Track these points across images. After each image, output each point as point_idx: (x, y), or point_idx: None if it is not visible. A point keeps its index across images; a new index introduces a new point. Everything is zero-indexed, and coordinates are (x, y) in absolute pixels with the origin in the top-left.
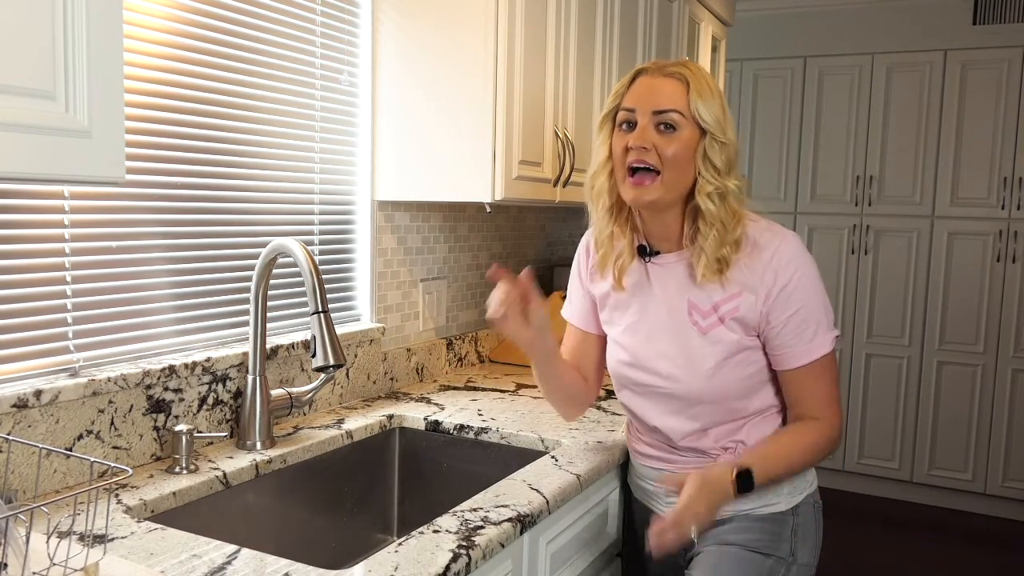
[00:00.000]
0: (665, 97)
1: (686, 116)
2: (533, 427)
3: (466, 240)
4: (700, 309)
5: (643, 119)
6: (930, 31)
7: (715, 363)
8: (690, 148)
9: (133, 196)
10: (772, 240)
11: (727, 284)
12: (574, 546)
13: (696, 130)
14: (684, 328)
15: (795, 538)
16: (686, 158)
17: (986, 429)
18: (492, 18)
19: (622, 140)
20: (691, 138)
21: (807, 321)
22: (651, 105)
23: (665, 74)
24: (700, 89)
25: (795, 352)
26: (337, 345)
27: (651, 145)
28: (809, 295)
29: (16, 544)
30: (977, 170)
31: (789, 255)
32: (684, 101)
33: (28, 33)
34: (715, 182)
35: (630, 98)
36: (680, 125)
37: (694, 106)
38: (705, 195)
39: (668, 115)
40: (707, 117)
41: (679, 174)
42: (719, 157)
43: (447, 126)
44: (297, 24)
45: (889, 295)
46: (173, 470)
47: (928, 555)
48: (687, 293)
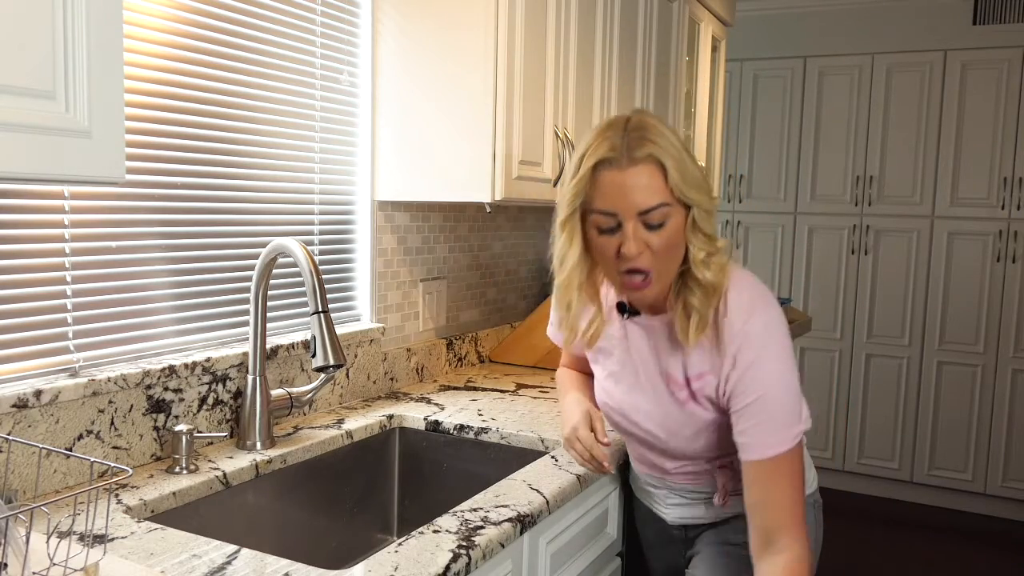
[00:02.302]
0: (647, 193)
1: (671, 203)
2: (533, 427)
3: (466, 240)
4: (675, 380)
5: (629, 223)
6: (930, 31)
7: (694, 432)
8: (680, 232)
9: (133, 196)
10: (737, 321)
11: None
12: (574, 546)
13: (682, 210)
14: (662, 395)
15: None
16: (679, 242)
17: (986, 429)
18: (492, 18)
19: (608, 243)
20: (679, 222)
21: (765, 411)
22: (634, 207)
23: (635, 161)
24: (675, 163)
25: (751, 445)
26: (337, 345)
27: (644, 247)
28: (771, 386)
29: (16, 544)
30: (977, 170)
31: (751, 344)
32: (666, 189)
33: (28, 33)
34: (706, 248)
35: (604, 200)
36: (668, 217)
37: (678, 190)
38: (699, 264)
39: (655, 213)
40: (691, 192)
41: (674, 261)
42: (707, 224)
43: (447, 126)
44: (297, 24)
45: (889, 295)
46: (173, 470)
47: (928, 555)
48: (663, 362)
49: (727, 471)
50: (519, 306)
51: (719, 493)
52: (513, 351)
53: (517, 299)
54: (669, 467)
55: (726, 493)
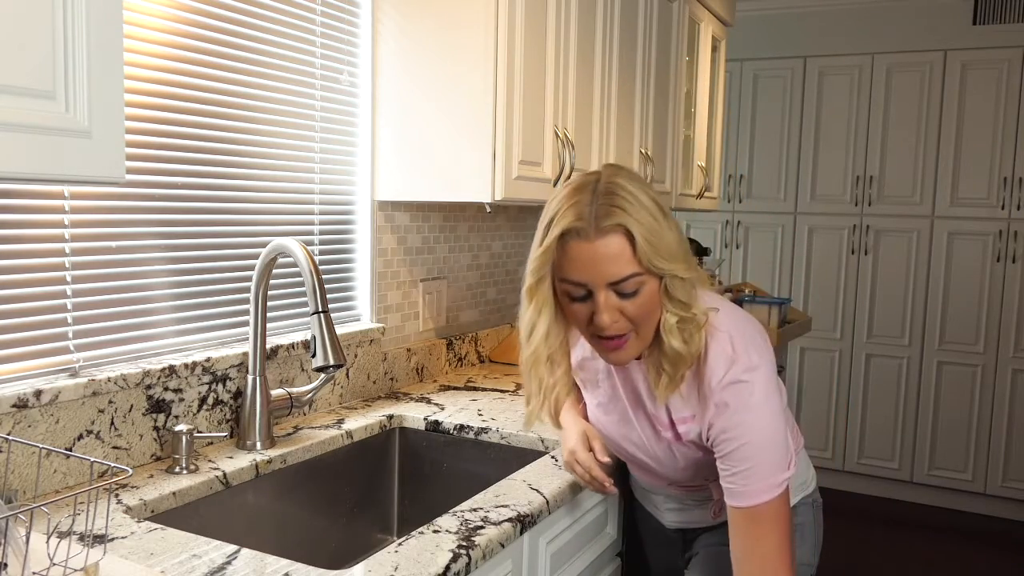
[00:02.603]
0: (615, 265)
1: (643, 272)
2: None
3: (466, 240)
4: (660, 420)
5: (600, 293)
6: (930, 31)
7: (684, 465)
8: (654, 298)
9: (133, 196)
10: (721, 367)
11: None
12: (574, 546)
13: (654, 278)
14: (648, 434)
15: (794, 538)
16: (654, 307)
17: (986, 429)
18: (492, 18)
19: (580, 310)
20: (652, 289)
21: (749, 459)
22: (603, 279)
23: (602, 231)
24: (644, 232)
25: (735, 492)
26: (337, 345)
27: (618, 315)
28: (753, 437)
29: (16, 544)
30: (977, 170)
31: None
32: (635, 260)
33: (28, 33)
34: (679, 314)
35: (573, 270)
36: (639, 286)
37: (647, 261)
38: (669, 330)
39: (626, 284)
40: (662, 264)
41: (650, 324)
42: (681, 291)
43: (447, 126)
44: (297, 24)
45: (889, 295)
46: (173, 470)
47: (928, 555)
48: (648, 406)
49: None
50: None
51: (714, 506)
52: (513, 351)
53: (517, 299)
54: (665, 484)
55: (721, 507)
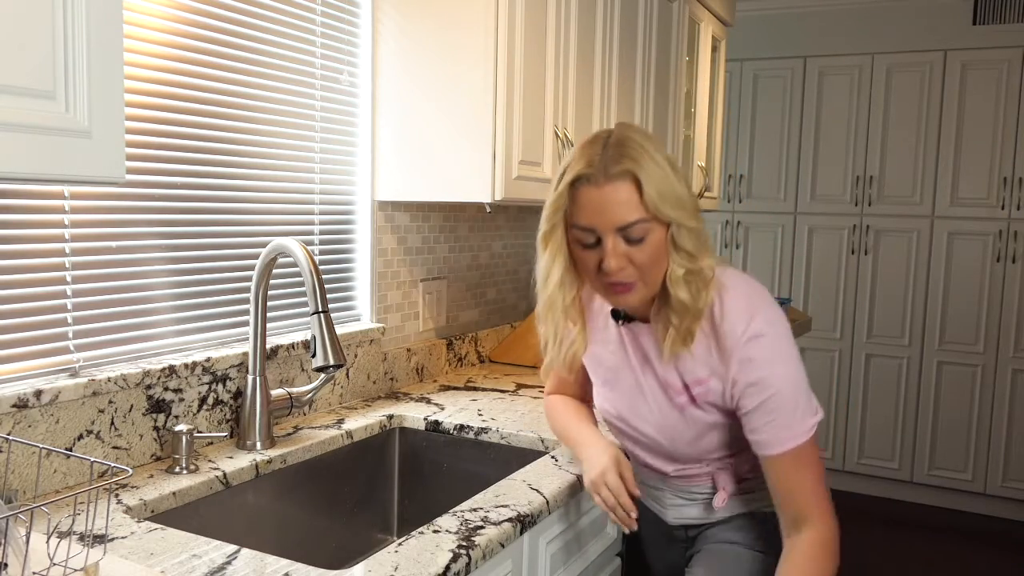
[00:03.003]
0: (623, 209)
1: (649, 219)
2: (533, 427)
3: (466, 240)
4: (673, 386)
5: (608, 237)
6: (930, 31)
7: (695, 434)
8: (661, 247)
9: (133, 196)
10: (744, 323)
11: (696, 365)
12: (574, 546)
13: (661, 225)
14: (660, 401)
15: None
16: (661, 256)
17: (986, 429)
18: (492, 18)
19: (589, 257)
20: (659, 237)
21: (780, 408)
22: (611, 223)
23: (612, 178)
24: (652, 179)
25: (768, 440)
26: (337, 345)
27: (625, 262)
28: (782, 383)
29: (16, 544)
30: (977, 170)
31: (762, 345)
32: (642, 206)
33: (28, 33)
34: (686, 266)
35: (582, 215)
36: (646, 232)
37: (653, 207)
38: (676, 281)
39: (633, 229)
40: (669, 211)
41: (658, 272)
42: (688, 241)
43: (447, 126)
44: (297, 24)
45: (889, 295)
46: (173, 470)
47: (928, 555)
48: (659, 369)
49: (727, 473)
50: (519, 306)
51: (719, 495)
52: (513, 351)
53: (517, 299)
54: (669, 470)
55: (727, 495)
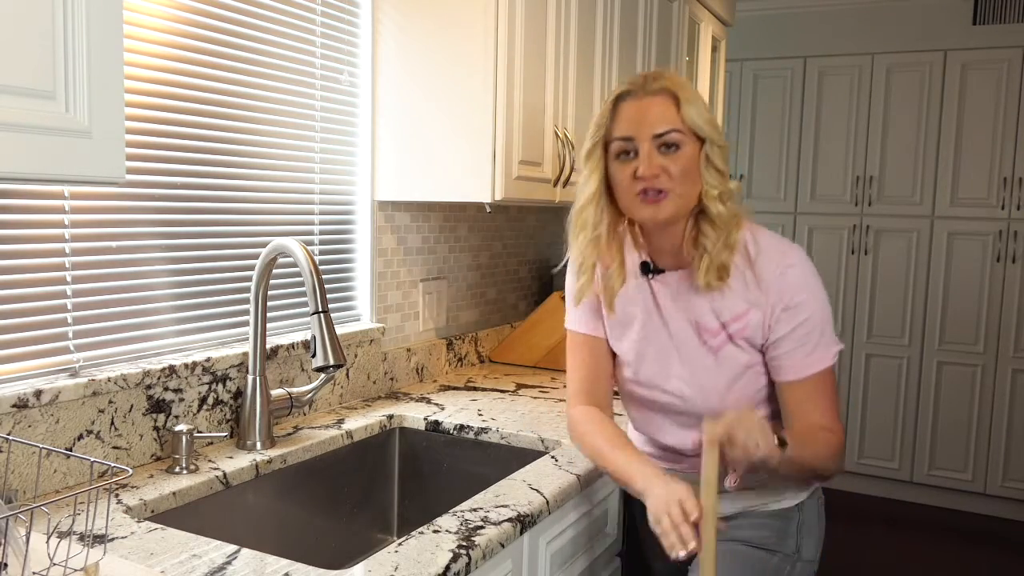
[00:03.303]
0: (660, 118)
1: (684, 132)
2: (533, 427)
3: (466, 240)
4: (708, 328)
5: (645, 145)
6: (930, 31)
7: (727, 381)
8: (694, 160)
9: (133, 196)
10: (779, 256)
11: (734, 300)
12: (574, 546)
13: (695, 141)
14: (693, 348)
15: (800, 534)
16: (693, 170)
17: (986, 429)
18: (492, 18)
19: (625, 169)
20: (692, 151)
21: (810, 334)
22: (649, 130)
23: (651, 92)
24: (689, 99)
25: (794, 364)
26: (337, 345)
27: (659, 170)
28: (815, 310)
29: (16, 544)
30: (977, 170)
31: (799, 276)
32: (678, 117)
33: (28, 33)
34: (719, 186)
35: (621, 126)
36: (681, 142)
37: (689, 120)
38: (713, 199)
39: (668, 136)
40: (703, 126)
41: (690, 187)
42: (720, 160)
43: (447, 126)
44: (297, 24)
45: (889, 295)
46: (173, 470)
47: (928, 555)
48: (693, 313)
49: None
50: (519, 306)
51: (731, 476)
52: (513, 351)
53: (517, 299)
54: (690, 446)
55: (737, 476)
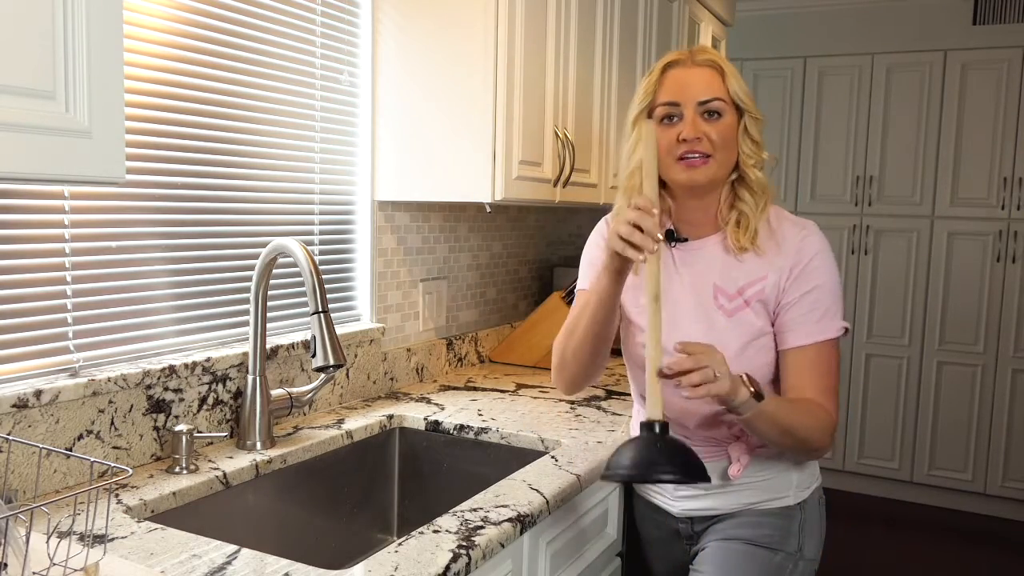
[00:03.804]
0: (706, 87)
1: (727, 101)
2: (533, 427)
3: (466, 240)
4: (726, 292)
5: (689, 111)
6: (930, 31)
7: (739, 346)
8: (733, 129)
9: (133, 196)
10: (802, 229)
11: (755, 266)
12: (574, 546)
13: (735, 112)
14: (709, 311)
15: (802, 533)
16: (732, 139)
17: (986, 429)
18: (492, 18)
19: (669, 133)
20: (733, 121)
21: (819, 301)
22: (694, 96)
23: (698, 63)
24: (732, 73)
25: (801, 330)
26: (337, 345)
27: (702, 134)
28: (827, 280)
29: (16, 544)
30: (977, 170)
31: (816, 243)
32: (723, 88)
33: (28, 33)
34: (756, 155)
35: (668, 92)
36: (723, 111)
37: (733, 91)
38: (751, 167)
39: (712, 104)
40: (745, 98)
41: (728, 154)
42: (756, 132)
43: (447, 126)
44: (297, 24)
45: (889, 295)
46: (173, 470)
47: (928, 555)
48: (714, 277)
49: (741, 444)
50: (519, 306)
51: (734, 465)
52: (513, 351)
53: (517, 299)
54: (694, 420)
55: (742, 466)
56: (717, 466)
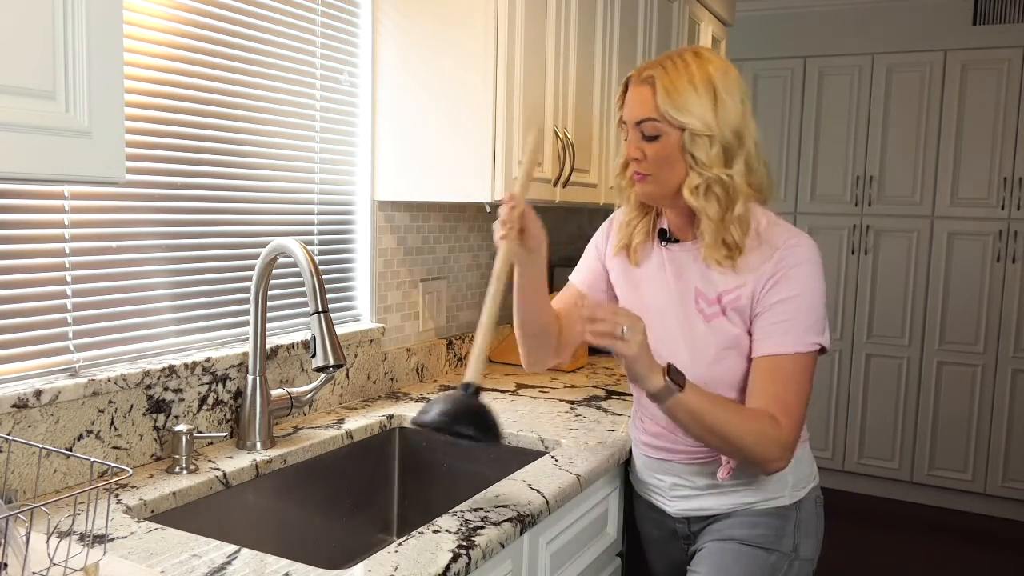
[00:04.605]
0: (639, 107)
1: (660, 120)
2: (533, 427)
3: (466, 240)
4: (706, 297)
5: (631, 130)
6: (930, 31)
7: (716, 352)
8: (674, 149)
9: (133, 196)
10: (792, 238)
11: (736, 275)
12: (574, 546)
13: (676, 130)
14: (690, 314)
15: (798, 533)
16: (672, 159)
17: (986, 429)
18: (492, 18)
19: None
20: (674, 139)
21: (792, 312)
22: (632, 117)
23: (640, 81)
24: (670, 88)
25: (767, 340)
26: (337, 345)
27: (641, 154)
28: (804, 291)
29: (16, 544)
30: (977, 170)
31: (802, 254)
32: (654, 106)
33: (28, 33)
34: (703, 174)
35: (623, 109)
36: (660, 130)
37: (663, 109)
38: (689, 190)
39: (645, 124)
40: (679, 116)
41: (669, 173)
42: (703, 151)
43: (447, 126)
44: (297, 24)
45: (889, 295)
46: (173, 470)
47: (928, 555)
48: (695, 281)
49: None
50: None
51: (723, 468)
52: (513, 351)
53: None
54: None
55: (730, 467)
56: (707, 468)
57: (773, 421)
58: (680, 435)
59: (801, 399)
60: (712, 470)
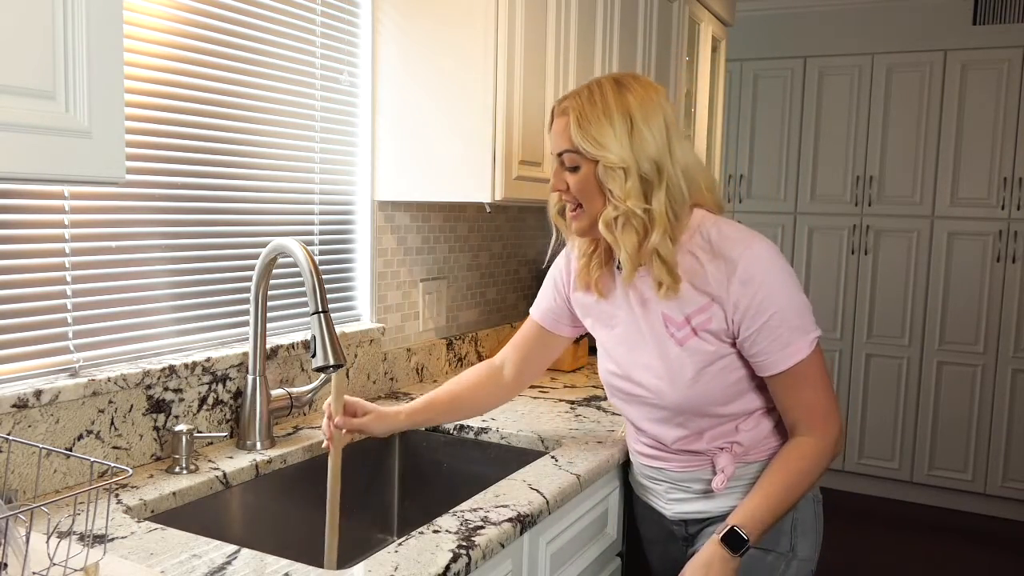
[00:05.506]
0: (558, 138)
1: (576, 151)
2: (533, 427)
3: (466, 240)
4: (674, 321)
5: (553, 160)
6: (930, 31)
7: (694, 372)
8: (591, 180)
9: (133, 196)
10: (737, 248)
11: (694, 295)
12: (574, 546)
13: (590, 162)
14: (662, 340)
15: (795, 532)
16: (591, 191)
17: (986, 429)
18: (492, 18)
19: None
20: (589, 171)
21: (780, 328)
22: (553, 148)
23: (560, 111)
24: (582, 120)
25: (772, 359)
26: (337, 345)
27: (564, 185)
28: (781, 301)
29: (16, 544)
30: (977, 170)
31: (757, 267)
32: (568, 138)
33: (28, 33)
34: (619, 207)
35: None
36: (576, 162)
37: (576, 142)
38: (604, 223)
39: (565, 156)
40: (591, 149)
41: (592, 204)
42: (618, 184)
43: (447, 126)
44: (297, 24)
45: (889, 295)
46: (173, 470)
47: (928, 555)
48: (659, 306)
49: (727, 454)
50: (519, 306)
51: (718, 477)
52: None
53: (517, 299)
54: (670, 439)
55: (726, 477)
56: (701, 475)
57: (805, 443)
58: (671, 451)
59: (826, 391)
60: (706, 475)
